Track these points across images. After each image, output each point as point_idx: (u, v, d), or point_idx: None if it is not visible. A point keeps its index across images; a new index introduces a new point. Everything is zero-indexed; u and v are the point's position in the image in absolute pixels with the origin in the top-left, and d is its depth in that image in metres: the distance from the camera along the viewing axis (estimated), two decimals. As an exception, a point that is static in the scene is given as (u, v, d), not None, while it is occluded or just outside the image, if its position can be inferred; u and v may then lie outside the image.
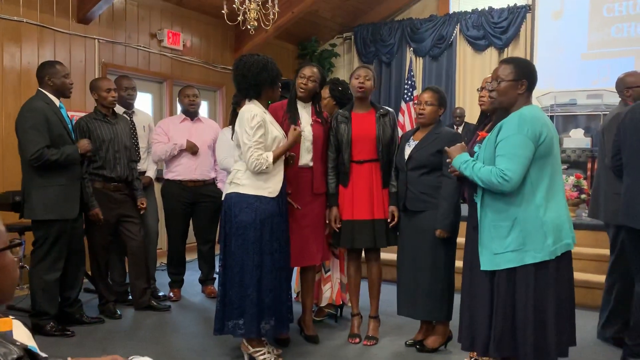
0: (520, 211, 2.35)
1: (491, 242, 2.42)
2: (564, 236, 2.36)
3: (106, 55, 5.43)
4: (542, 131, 2.32)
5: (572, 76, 6.99)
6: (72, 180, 3.46)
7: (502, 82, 2.44)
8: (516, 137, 2.31)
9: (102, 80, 3.90)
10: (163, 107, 6.22)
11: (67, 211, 3.43)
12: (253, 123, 2.87)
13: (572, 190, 4.80)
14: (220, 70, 6.76)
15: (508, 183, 2.31)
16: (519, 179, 2.31)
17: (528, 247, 2.34)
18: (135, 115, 4.31)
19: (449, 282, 3.17)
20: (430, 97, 3.18)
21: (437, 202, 3.07)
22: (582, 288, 4.16)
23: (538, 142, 2.31)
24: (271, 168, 2.90)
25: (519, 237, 2.35)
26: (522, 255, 2.35)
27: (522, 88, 2.41)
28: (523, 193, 2.35)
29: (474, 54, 7.65)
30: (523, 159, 2.30)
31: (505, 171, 2.31)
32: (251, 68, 2.96)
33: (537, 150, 2.32)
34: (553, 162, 2.39)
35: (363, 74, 3.33)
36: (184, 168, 4.28)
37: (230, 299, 2.95)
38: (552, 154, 2.37)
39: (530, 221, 2.34)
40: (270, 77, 2.97)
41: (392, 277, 3.96)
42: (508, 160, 2.32)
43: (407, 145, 3.23)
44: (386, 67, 8.22)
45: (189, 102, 4.36)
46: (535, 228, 2.33)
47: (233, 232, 2.94)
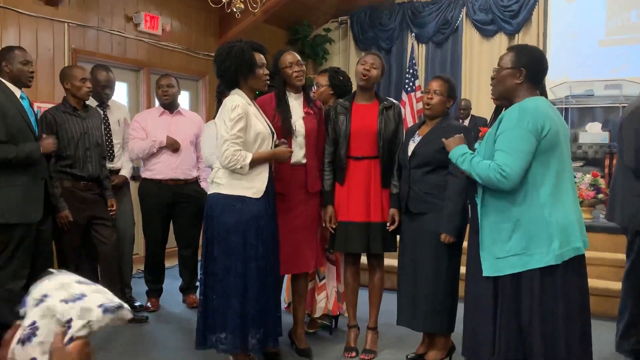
0: (523, 211, 2.36)
1: (493, 245, 2.43)
2: (572, 239, 2.36)
3: (77, 41, 5.39)
4: (544, 124, 2.33)
5: (589, 65, 7.02)
6: (35, 180, 3.39)
7: (500, 70, 2.49)
8: (516, 130, 2.33)
9: (75, 69, 3.86)
10: (140, 98, 6.19)
11: (30, 214, 3.38)
12: (233, 114, 2.86)
13: (588, 190, 4.82)
14: (203, 58, 6.73)
15: (506, 180, 2.33)
16: (518, 175, 2.32)
17: (532, 251, 2.35)
18: (110, 108, 4.26)
19: (452, 290, 3.17)
20: (440, 86, 3.17)
21: (441, 204, 3.06)
22: (599, 296, 4.18)
23: (540, 136, 2.32)
24: (246, 170, 2.89)
25: (522, 240, 2.36)
26: (526, 259, 2.35)
27: (521, 77, 2.43)
28: (526, 191, 2.36)
29: (482, 40, 7.67)
30: (523, 154, 2.32)
31: (504, 167, 2.32)
32: (217, 58, 2.99)
33: (539, 145, 2.33)
34: (559, 158, 2.40)
35: (370, 61, 3.33)
36: (164, 166, 4.25)
37: (212, 309, 2.94)
38: (557, 148, 2.38)
39: (534, 222, 2.35)
40: (233, 67, 2.94)
41: (392, 285, 3.96)
42: (507, 155, 2.33)
43: (412, 141, 3.23)
44: (385, 55, 8.21)
45: (162, 93, 4.33)
46: (540, 230, 2.34)
47: (215, 236, 2.93)
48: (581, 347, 2.44)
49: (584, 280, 2.47)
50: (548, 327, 2.35)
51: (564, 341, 2.36)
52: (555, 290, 2.35)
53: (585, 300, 2.47)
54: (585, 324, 2.46)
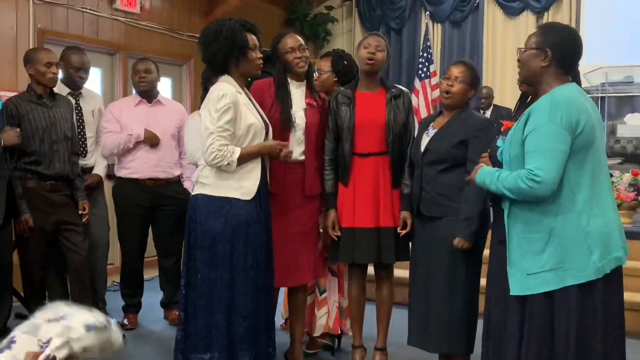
0: (558, 221, 2.34)
1: (523, 259, 2.40)
2: (612, 249, 2.35)
3: (43, 20, 5.40)
4: (579, 118, 2.31)
5: (628, 48, 7.01)
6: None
7: (525, 51, 2.48)
8: (547, 127, 2.30)
9: (40, 52, 3.87)
10: (115, 86, 6.20)
11: None
12: (220, 104, 2.87)
13: (627, 191, 4.83)
14: (187, 39, 6.73)
15: (541, 185, 2.29)
16: (554, 179, 2.29)
17: (569, 265, 2.32)
18: (82, 97, 4.28)
19: (471, 306, 3.16)
20: (462, 72, 3.16)
21: (457, 206, 3.05)
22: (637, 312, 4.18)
23: (575, 132, 2.30)
24: (233, 167, 2.89)
25: (557, 253, 2.33)
26: (562, 275, 2.33)
27: (546, 60, 2.42)
28: (560, 197, 2.34)
29: (506, 20, 7.66)
30: (558, 154, 2.29)
31: (536, 171, 2.29)
32: (203, 39, 2.99)
33: (574, 143, 2.30)
34: (596, 157, 2.38)
35: (374, 43, 3.33)
36: (141, 163, 4.25)
37: (194, 326, 2.95)
38: (593, 146, 2.36)
39: (571, 232, 2.33)
40: (223, 50, 2.95)
41: (403, 299, 3.96)
42: (539, 157, 2.30)
43: (425, 134, 3.23)
44: (396, 36, 8.22)
45: (139, 79, 4.33)
46: (577, 241, 2.32)
47: (198, 243, 2.93)
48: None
49: (622, 295, 2.46)
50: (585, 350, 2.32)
51: None
52: (594, 309, 2.32)
53: (623, 318, 2.47)
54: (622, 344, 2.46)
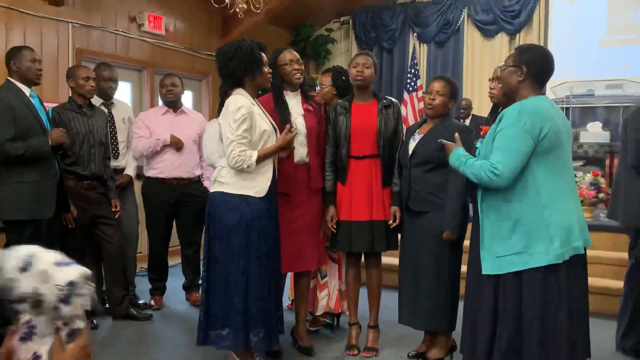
0: (524, 210, 2.37)
1: (493, 243, 2.44)
2: (573, 239, 2.36)
3: (81, 41, 5.39)
4: (543, 124, 2.33)
5: (590, 64, 6.99)
6: (46, 177, 3.41)
7: (505, 68, 2.52)
8: (512, 129, 2.34)
9: (79, 68, 3.88)
10: (143, 98, 6.19)
11: (41, 211, 3.39)
12: (237, 115, 2.85)
13: (589, 189, 4.81)
14: (206, 57, 6.72)
15: (498, 178, 2.34)
16: (510, 173, 2.33)
17: (532, 250, 2.35)
18: (114, 106, 4.29)
19: (453, 289, 3.16)
20: (442, 87, 3.16)
21: (442, 203, 3.05)
22: (600, 295, 4.17)
23: (538, 137, 2.32)
24: (253, 168, 2.88)
25: (523, 239, 2.36)
26: (526, 258, 2.35)
27: (522, 75, 2.44)
28: (526, 192, 2.37)
29: (483, 40, 7.65)
30: (517, 153, 2.33)
31: (496, 164, 2.34)
32: (223, 56, 2.97)
33: (538, 145, 2.33)
34: (560, 158, 2.40)
35: (362, 62, 3.32)
36: (167, 165, 4.25)
37: (214, 307, 2.94)
38: (558, 148, 2.38)
39: (535, 222, 2.35)
40: (243, 64, 2.94)
41: (394, 283, 3.96)
42: (501, 153, 2.35)
43: (412, 139, 3.22)
44: (387, 55, 8.21)
45: (166, 92, 4.35)
46: (541, 230, 2.34)
47: (217, 235, 2.93)
48: (583, 346, 2.43)
49: (585, 280, 2.46)
50: (549, 327, 2.34)
51: (567, 341, 2.34)
52: (558, 290, 2.34)
53: (586, 299, 2.47)
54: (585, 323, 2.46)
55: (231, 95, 3.01)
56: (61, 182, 3.53)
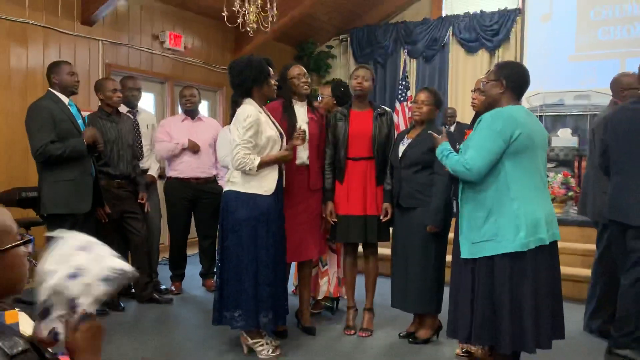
0: (495, 203, 2.41)
1: (469, 231, 2.48)
2: (539, 231, 2.38)
3: (110, 56, 5.42)
4: (515, 129, 2.36)
5: (561, 77, 7.00)
6: (83, 175, 3.45)
7: (486, 82, 2.56)
8: (485, 131, 2.40)
9: (107, 81, 3.90)
10: (165, 107, 6.21)
11: (78, 205, 3.42)
12: (246, 123, 2.88)
13: (560, 188, 4.82)
14: (221, 71, 6.74)
15: (469, 172, 2.41)
16: (479, 169, 2.39)
17: (501, 238, 2.38)
18: (139, 114, 4.30)
19: (439, 276, 3.18)
20: (427, 97, 3.19)
21: (429, 200, 3.07)
22: (569, 281, 4.18)
23: (509, 140, 2.36)
24: (254, 171, 2.89)
25: (493, 228, 2.40)
26: (495, 245, 2.39)
27: (502, 87, 2.47)
28: (498, 186, 2.41)
29: (466, 56, 7.65)
30: (487, 152, 2.38)
31: (468, 160, 2.41)
32: (235, 68, 2.99)
33: (510, 147, 2.37)
34: (532, 159, 2.43)
35: (362, 74, 3.34)
36: (186, 166, 4.27)
37: (227, 291, 2.96)
38: (529, 151, 2.41)
39: (505, 213, 2.39)
40: (252, 76, 2.96)
41: (387, 271, 3.97)
42: (473, 150, 2.41)
43: (402, 144, 3.24)
44: (381, 68, 8.21)
45: (185, 101, 4.37)
46: (509, 220, 2.37)
47: (230, 228, 2.95)
48: (553, 326, 2.45)
49: (555, 268, 2.48)
50: (517, 305, 2.37)
51: (532, 320, 2.37)
52: (524, 274, 2.37)
53: (557, 285, 2.48)
54: (556, 306, 2.47)
55: (242, 104, 3.03)
56: (97, 181, 3.57)
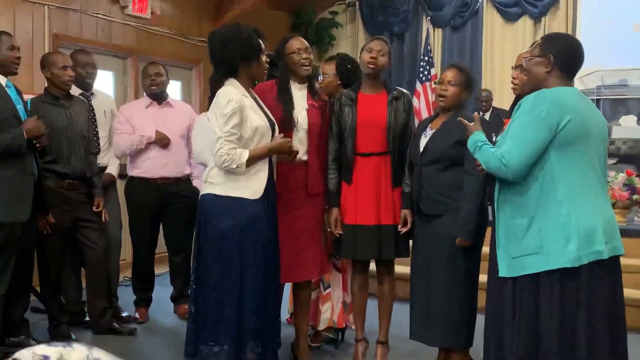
0: (539, 208, 2.41)
1: (508, 243, 2.49)
2: (594, 242, 2.37)
3: (58, 25, 5.42)
4: (563, 114, 2.36)
5: (623, 52, 7.00)
6: (23, 175, 3.40)
7: (529, 60, 2.56)
8: (526, 117, 2.40)
9: (56, 55, 3.90)
10: (127, 88, 6.22)
11: (16, 212, 3.39)
12: (227, 109, 2.87)
13: (622, 190, 4.81)
14: (197, 44, 6.73)
15: (506, 168, 2.40)
16: (519, 165, 2.38)
17: (546, 251, 2.38)
18: (95, 97, 4.30)
19: (470, 300, 3.18)
20: (455, 76, 3.18)
21: (457, 205, 3.07)
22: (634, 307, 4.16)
23: (557, 127, 2.36)
24: (243, 169, 2.90)
25: (536, 239, 2.40)
26: (539, 259, 2.39)
27: (549, 65, 2.48)
28: (542, 186, 2.41)
29: (504, 25, 7.66)
30: (529, 143, 2.38)
31: (505, 154, 2.40)
32: (218, 40, 2.98)
33: (557, 137, 2.37)
34: (585, 152, 2.42)
35: (377, 47, 3.33)
36: (153, 163, 4.27)
37: (204, 319, 2.96)
38: (582, 142, 2.40)
39: (550, 220, 2.39)
40: (240, 51, 2.96)
41: (404, 295, 3.97)
42: (511, 142, 2.41)
43: (423, 135, 3.24)
44: (398, 41, 8.21)
45: (150, 82, 4.36)
46: (556, 229, 2.37)
47: (208, 240, 2.95)
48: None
49: (616, 289, 2.47)
50: (567, 334, 2.37)
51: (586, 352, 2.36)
52: (576, 297, 2.37)
53: (619, 310, 2.47)
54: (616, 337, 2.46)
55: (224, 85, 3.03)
56: (39, 182, 3.54)
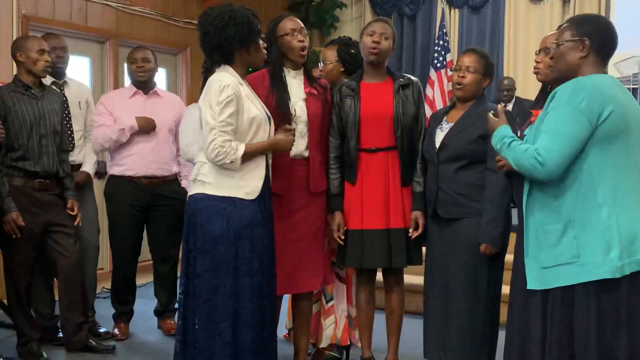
0: (577, 211, 2.39)
1: (539, 251, 2.47)
2: (638, 249, 2.37)
3: (27, 5, 5.42)
4: (605, 105, 2.34)
5: (663, 35, 7.00)
6: None
7: (559, 44, 2.52)
8: (564, 109, 2.37)
9: (32, 39, 3.92)
10: (105, 77, 6.23)
11: None
12: (222, 97, 2.88)
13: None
14: (184, 26, 6.76)
15: (542, 167, 2.37)
16: (557, 162, 2.36)
17: (584, 260, 2.37)
18: (68, 87, 4.31)
19: (492, 315, 3.19)
20: (473, 61, 3.20)
21: (479, 207, 3.08)
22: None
23: (598, 120, 2.34)
24: (238, 164, 2.91)
25: (573, 246, 2.38)
26: (577, 269, 2.37)
27: (585, 50, 2.46)
28: (580, 187, 2.39)
29: (529, 5, 7.67)
30: (567, 138, 2.35)
31: (540, 150, 2.37)
32: (213, 23, 2.98)
33: (597, 130, 2.35)
34: (627, 148, 2.41)
35: (379, 30, 3.34)
36: (136, 159, 4.26)
37: (194, 337, 2.97)
38: (624, 136, 2.39)
39: (589, 225, 2.37)
40: (239, 34, 2.96)
41: (416, 308, 3.97)
42: (547, 137, 2.38)
43: (439, 129, 3.25)
44: (409, 22, 8.23)
45: (136, 68, 4.36)
46: (595, 235, 2.36)
47: (198, 247, 2.95)
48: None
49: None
50: (606, 352, 2.35)
51: None
52: (616, 311, 2.36)
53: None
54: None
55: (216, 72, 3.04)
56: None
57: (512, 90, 6.94)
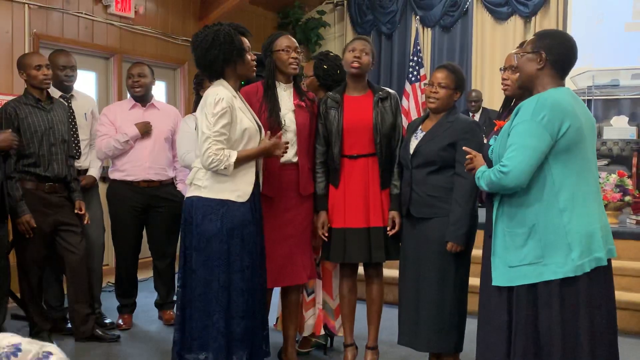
0: (540, 216, 2.40)
1: (506, 252, 2.47)
2: (594, 248, 2.38)
3: (39, 25, 5.39)
4: (563, 120, 2.35)
5: (614, 51, 7.05)
6: None
7: (521, 56, 2.53)
8: (527, 124, 2.36)
9: (30, 56, 3.88)
10: (110, 89, 6.19)
11: None
12: (217, 109, 2.87)
13: (613, 192, 4.85)
14: (182, 44, 6.73)
15: (506, 176, 2.37)
16: (521, 173, 2.35)
17: (548, 260, 2.37)
18: (75, 99, 4.28)
19: (460, 304, 3.18)
20: (445, 77, 3.19)
21: (447, 208, 3.08)
22: (626, 310, 4.20)
23: (557, 134, 2.35)
24: (230, 170, 2.90)
25: (537, 248, 2.39)
26: (541, 269, 2.38)
27: (541, 62, 2.46)
28: (543, 194, 2.40)
29: (495, 24, 7.71)
30: (531, 151, 2.35)
31: (504, 161, 2.37)
32: (200, 45, 2.98)
33: (557, 143, 2.36)
34: (582, 157, 2.42)
35: (360, 47, 3.34)
36: (135, 165, 4.25)
37: (190, 327, 2.96)
38: (580, 147, 2.40)
39: (552, 229, 2.38)
40: (222, 55, 2.95)
41: (394, 299, 3.97)
42: (512, 150, 2.38)
43: (414, 137, 3.25)
44: (387, 40, 8.25)
45: (132, 83, 4.35)
46: (558, 238, 2.37)
47: (194, 245, 2.94)
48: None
49: (611, 293, 2.48)
50: (569, 345, 2.36)
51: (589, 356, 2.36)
52: (577, 304, 2.36)
53: (612, 315, 2.49)
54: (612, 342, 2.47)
55: (208, 86, 3.02)
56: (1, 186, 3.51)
57: (479, 102, 6.97)
